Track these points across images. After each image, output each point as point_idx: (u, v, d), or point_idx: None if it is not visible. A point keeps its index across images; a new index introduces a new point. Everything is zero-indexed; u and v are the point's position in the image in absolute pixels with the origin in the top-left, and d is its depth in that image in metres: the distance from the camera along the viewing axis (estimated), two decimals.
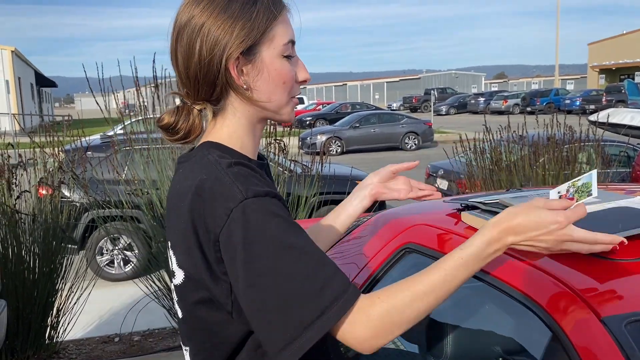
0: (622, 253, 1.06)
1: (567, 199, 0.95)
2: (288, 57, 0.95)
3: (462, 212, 1.44)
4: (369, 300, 0.84)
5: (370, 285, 1.51)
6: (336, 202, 6.08)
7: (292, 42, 0.96)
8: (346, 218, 1.31)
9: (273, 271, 0.81)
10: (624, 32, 42.73)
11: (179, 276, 0.92)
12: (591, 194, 0.95)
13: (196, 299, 0.91)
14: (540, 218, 0.87)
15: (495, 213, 1.34)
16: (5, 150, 3.84)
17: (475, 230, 1.35)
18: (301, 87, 1.03)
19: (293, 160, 4.83)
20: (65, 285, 3.75)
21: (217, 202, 0.84)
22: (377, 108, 28.12)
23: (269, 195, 0.85)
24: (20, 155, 3.90)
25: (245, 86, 0.93)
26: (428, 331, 1.52)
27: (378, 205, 6.22)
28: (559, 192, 0.98)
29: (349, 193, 5.21)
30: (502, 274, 1.13)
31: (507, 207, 1.32)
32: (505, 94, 39.72)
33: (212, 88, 0.93)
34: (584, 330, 0.91)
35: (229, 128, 0.97)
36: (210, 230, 0.84)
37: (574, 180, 0.97)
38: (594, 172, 0.96)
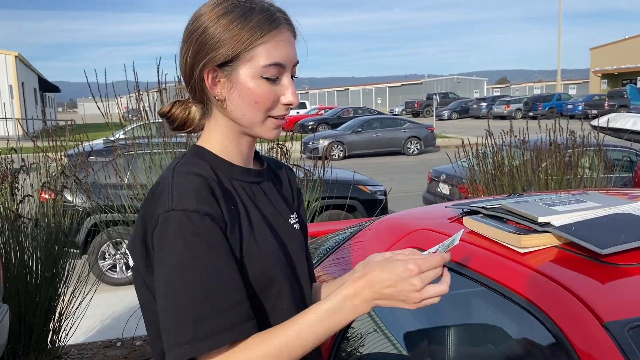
0: (625, 258, 1.06)
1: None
2: (269, 79, 0.95)
3: (464, 217, 1.44)
4: (229, 354, 0.85)
5: None
6: (338, 207, 6.07)
7: (279, 65, 0.95)
8: None
9: (168, 283, 0.86)
10: (626, 37, 42.71)
11: (131, 260, 0.99)
12: (453, 243, 0.93)
13: (141, 282, 0.97)
14: (393, 267, 0.86)
15: (498, 218, 1.34)
16: (9, 155, 3.85)
17: (477, 235, 1.35)
18: (296, 102, 1.00)
19: (295, 165, 4.83)
20: (67, 289, 3.75)
21: (156, 206, 0.91)
22: (379, 113, 28.14)
23: (199, 213, 0.88)
24: (23, 160, 3.91)
25: (218, 97, 0.96)
26: (430, 336, 1.51)
27: (380, 210, 6.23)
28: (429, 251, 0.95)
29: (351, 198, 5.21)
30: (505, 278, 1.13)
31: (509, 211, 1.33)
32: (508, 98, 39.71)
33: (194, 91, 0.99)
34: (586, 336, 0.91)
35: (213, 133, 1.02)
36: (150, 228, 0.91)
37: (444, 242, 0.95)
38: (461, 232, 0.96)
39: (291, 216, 1.10)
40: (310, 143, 15.52)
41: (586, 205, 1.29)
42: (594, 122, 5.77)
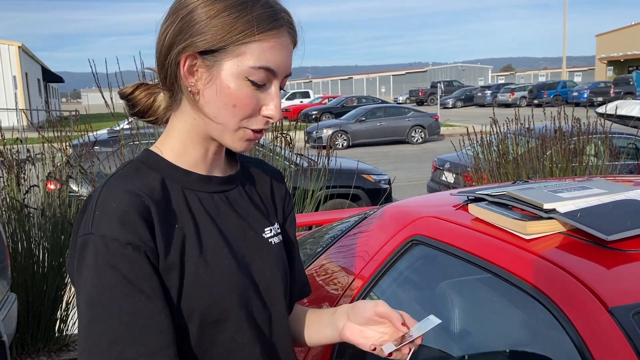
0: (630, 244, 1.06)
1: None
2: (255, 83, 0.83)
3: (469, 204, 1.44)
4: None
5: (378, 276, 1.52)
6: (342, 196, 6.08)
7: (270, 71, 0.83)
8: (317, 338, 1.06)
9: (80, 317, 0.77)
10: (633, 23, 42.35)
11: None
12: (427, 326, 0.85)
13: None
14: None
15: (503, 205, 1.34)
16: (14, 145, 3.87)
17: (483, 222, 1.35)
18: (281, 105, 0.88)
19: (299, 154, 4.84)
20: None
21: (80, 223, 0.81)
22: (383, 101, 28.06)
23: (119, 241, 0.76)
24: (28, 150, 3.93)
25: (190, 88, 0.84)
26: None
27: (384, 199, 6.23)
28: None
29: (355, 187, 5.24)
30: (509, 265, 1.13)
31: (514, 198, 1.33)
32: (512, 86, 39.52)
33: (165, 76, 0.86)
34: (591, 321, 0.91)
35: (175, 131, 0.89)
36: (73, 250, 0.83)
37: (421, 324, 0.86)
38: (430, 323, 0.87)
39: (267, 228, 0.96)
40: (314, 132, 15.50)
41: (591, 191, 1.29)
42: (600, 109, 5.74)
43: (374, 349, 0.87)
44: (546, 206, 1.20)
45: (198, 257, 0.83)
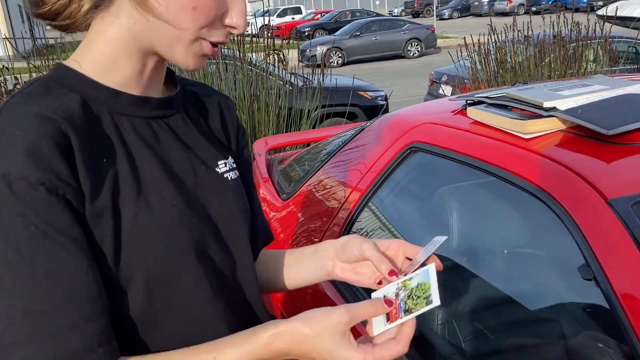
0: (630, 138, 1.06)
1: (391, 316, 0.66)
2: None
3: (467, 108, 1.42)
4: None
5: (376, 187, 1.52)
6: (339, 115, 6.04)
7: None
8: (298, 280, 0.90)
9: None
10: None
11: None
12: (431, 302, 0.65)
13: None
14: (333, 356, 0.62)
15: (502, 106, 1.32)
16: (1, 74, 3.79)
17: (481, 124, 1.33)
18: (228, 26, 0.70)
19: (293, 73, 4.75)
20: None
21: None
22: (377, 15, 27.24)
23: (28, 180, 0.58)
24: (16, 78, 3.85)
25: None
26: (435, 229, 1.54)
27: (382, 112, 6.20)
28: (384, 295, 0.69)
29: (351, 105, 5.18)
30: (509, 164, 1.13)
31: (514, 99, 1.30)
32: None
33: None
34: (590, 214, 0.92)
35: (102, 40, 0.68)
36: None
37: (405, 278, 0.69)
38: (432, 268, 0.68)
39: (220, 162, 0.79)
40: (308, 50, 15.13)
41: (593, 88, 1.26)
42: (600, 12, 5.58)
43: (380, 283, 0.73)
44: (546, 104, 1.18)
45: (136, 198, 0.66)
